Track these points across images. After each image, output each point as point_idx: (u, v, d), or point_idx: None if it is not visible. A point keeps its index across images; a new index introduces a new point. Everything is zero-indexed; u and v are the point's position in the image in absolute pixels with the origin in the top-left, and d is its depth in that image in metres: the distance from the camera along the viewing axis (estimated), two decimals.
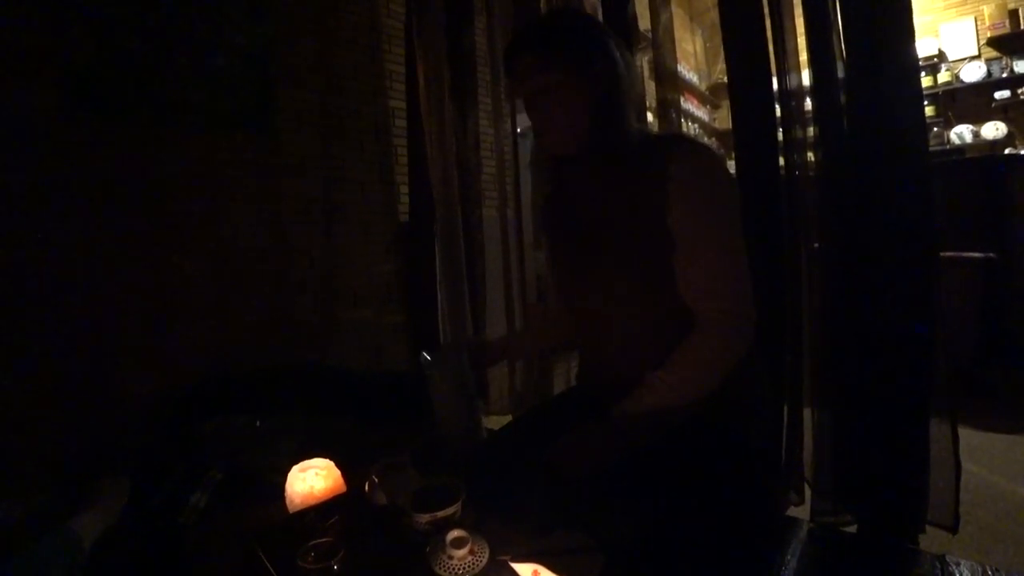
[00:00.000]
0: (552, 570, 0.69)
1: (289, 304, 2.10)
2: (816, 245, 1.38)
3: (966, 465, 1.18)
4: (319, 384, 1.71)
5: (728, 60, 1.45)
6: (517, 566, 0.71)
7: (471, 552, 0.74)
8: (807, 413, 1.38)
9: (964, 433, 1.19)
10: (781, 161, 1.40)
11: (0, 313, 1.45)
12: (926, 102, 4.69)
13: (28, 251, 1.50)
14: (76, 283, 1.58)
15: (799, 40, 1.39)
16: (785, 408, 1.39)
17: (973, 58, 4.64)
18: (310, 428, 1.35)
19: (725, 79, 1.48)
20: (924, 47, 4.72)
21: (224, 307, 1.90)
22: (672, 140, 0.96)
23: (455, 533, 0.75)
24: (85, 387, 1.58)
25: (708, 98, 5.54)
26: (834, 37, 1.28)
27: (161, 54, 1.76)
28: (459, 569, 0.72)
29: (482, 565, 0.74)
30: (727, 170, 0.90)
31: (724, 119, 5.47)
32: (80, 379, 1.58)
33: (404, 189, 2.48)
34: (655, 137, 1.01)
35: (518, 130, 2.23)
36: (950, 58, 4.74)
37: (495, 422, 2.12)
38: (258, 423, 1.35)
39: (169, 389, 1.69)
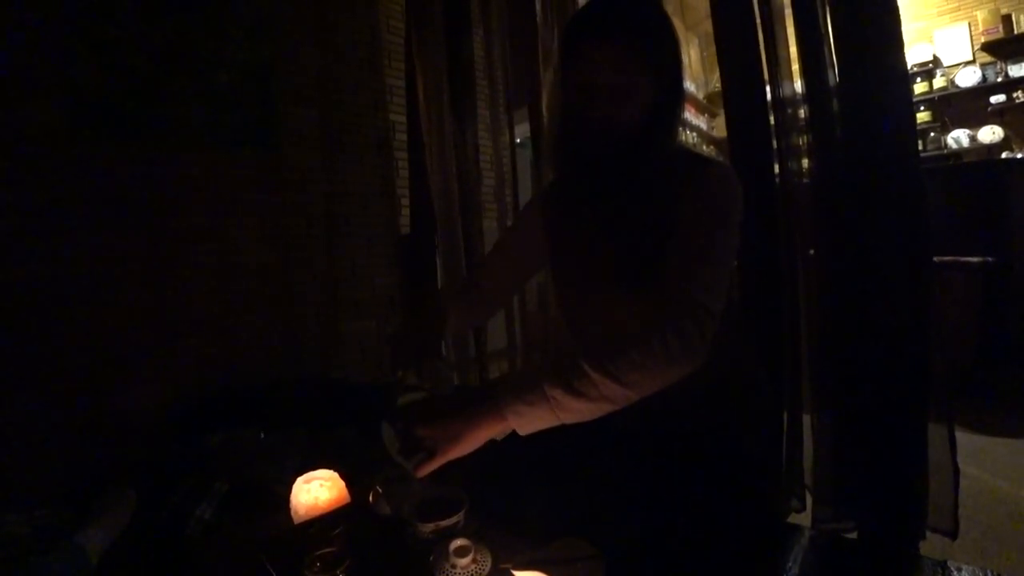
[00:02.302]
0: None
1: (292, 317, 2.12)
2: (812, 251, 1.40)
3: (968, 469, 1.18)
4: (322, 396, 1.72)
5: (722, 70, 1.47)
6: (520, 574, 0.71)
7: (474, 561, 0.74)
8: (806, 420, 1.39)
9: (965, 437, 1.20)
10: (776, 168, 1.42)
11: (6, 328, 1.47)
12: (923, 107, 4.72)
13: (33, 267, 1.52)
14: (81, 298, 1.60)
15: (791, 49, 1.41)
16: (785, 415, 1.40)
17: (968, 63, 4.67)
18: (314, 440, 1.35)
19: None
20: (919, 53, 4.75)
21: (227, 321, 1.92)
22: (701, 161, 0.90)
23: (458, 542, 0.75)
24: (90, 401, 1.60)
25: (706, 106, 5.57)
26: (825, 46, 1.30)
27: (164, 72, 1.79)
28: None
29: (485, 574, 0.74)
30: (741, 199, 0.84)
31: (722, 127, 5.42)
32: (85, 393, 1.59)
33: (405, 201, 2.50)
34: (685, 153, 0.95)
35: (517, 141, 2.25)
36: (945, 63, 4.77)
37: None
38: (262, 435, 1.35)
39: (174, 403, 1.71)
